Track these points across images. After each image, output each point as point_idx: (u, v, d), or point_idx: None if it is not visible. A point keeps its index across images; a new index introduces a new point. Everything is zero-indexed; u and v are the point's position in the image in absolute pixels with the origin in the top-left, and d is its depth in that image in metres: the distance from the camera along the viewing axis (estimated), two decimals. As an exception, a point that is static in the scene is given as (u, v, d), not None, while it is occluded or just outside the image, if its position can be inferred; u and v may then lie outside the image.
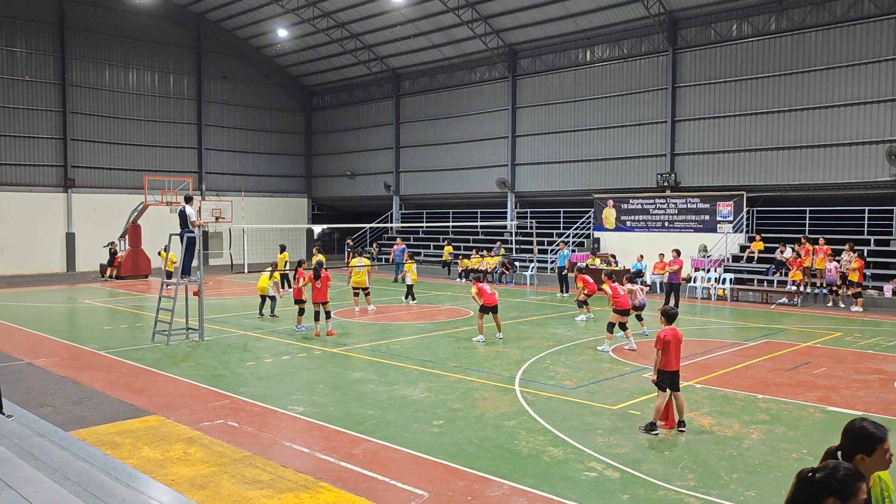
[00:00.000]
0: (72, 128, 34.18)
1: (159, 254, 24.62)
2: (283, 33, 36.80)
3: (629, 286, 15.61)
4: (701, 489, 7.06)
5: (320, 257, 23.06)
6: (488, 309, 15.29)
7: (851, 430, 3.25)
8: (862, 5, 23.46)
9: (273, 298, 19.02)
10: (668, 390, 8.89)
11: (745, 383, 11.47)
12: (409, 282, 22.35)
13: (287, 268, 23.18)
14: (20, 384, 11.30)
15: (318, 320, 16.01)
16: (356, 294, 20.35)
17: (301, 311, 16.78)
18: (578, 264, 22.46)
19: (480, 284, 15.65)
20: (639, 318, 16.08)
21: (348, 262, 30.24)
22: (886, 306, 20.77)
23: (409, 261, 23.04)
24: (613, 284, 14.93)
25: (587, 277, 18.35)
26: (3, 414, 7.34)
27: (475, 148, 35.45)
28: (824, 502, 2.79)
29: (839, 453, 3.28)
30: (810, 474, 2.88)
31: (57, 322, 18.67)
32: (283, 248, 24.20)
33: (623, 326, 14.47)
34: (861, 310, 20.33)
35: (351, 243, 34.11)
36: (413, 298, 22.17)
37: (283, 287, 22.57)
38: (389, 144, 39.63)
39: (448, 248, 32.06)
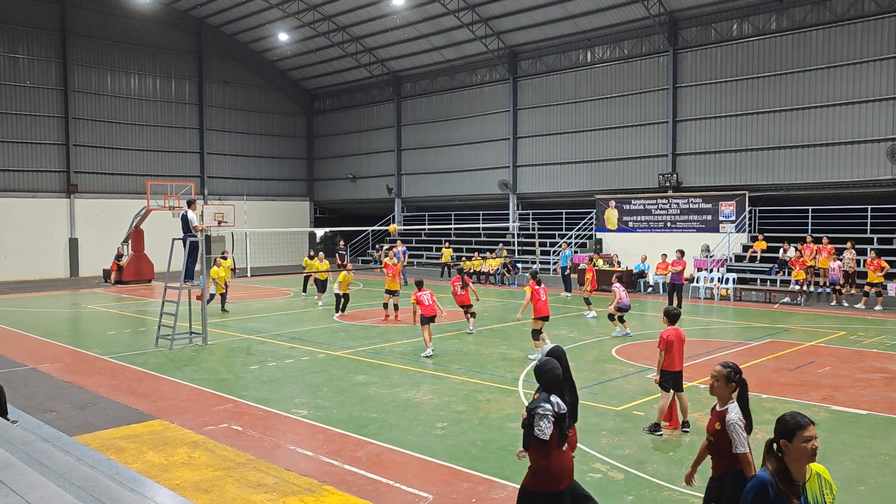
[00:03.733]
0: (74, 133, 34.26)
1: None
2: (283, 37, 36.86)
3: (617, 286, 15.70)
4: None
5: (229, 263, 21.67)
6: (426, 320, 13.93)
7: (779, 420, 3.66)
8: (862, 4, 23.44)
9: (346, 297, 19.42)
10: (671, 391, 8.88)
11: (748, 383, 11.39)
12: (337, 290, 19.71)
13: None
14: (24, 389, 11.32)
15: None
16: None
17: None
18: (533, 268, 20.96)
19: (419, 293, 14.11)
20: (621, 319, 15.82)
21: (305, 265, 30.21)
22: (890, 305, 20.72)
23: (343, 269, 20.48)
24: (537, 288, 13.65)
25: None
26: (8, 419, 7.34)
27: (476, 150, 35.46)
28: None
29: (774, 445, 3.64)
30: None
31: (61, 327, 18.70)
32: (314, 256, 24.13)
33: (537, 334, 13.48)
34: (881, 308, 20.25)
35: (343, 246, 33.31)
36: (342, 311, 19.76)
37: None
38: (391, 147, 39.66)
39: (448, 251, 31.94)
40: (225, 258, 21.19)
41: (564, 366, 5.55)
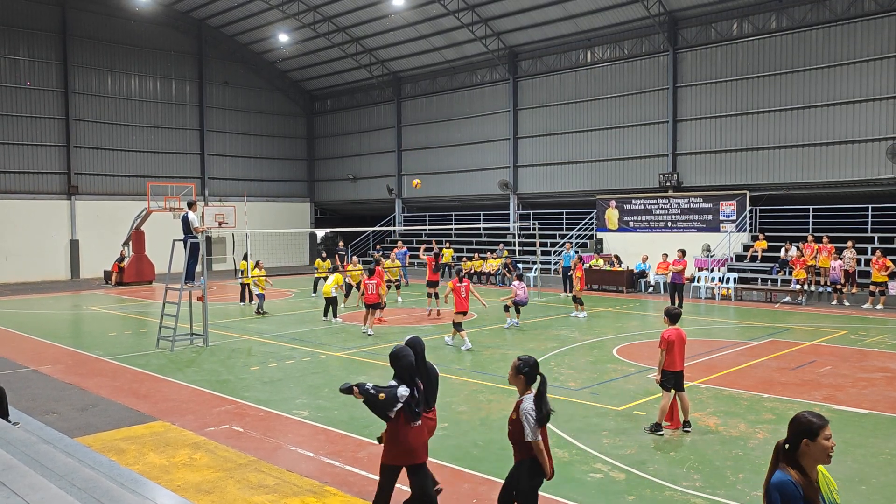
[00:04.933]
0: (75, 135, 34.27)
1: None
2: (283, 38, 36.85)
3: (515, 283, 17.07)
4: (707, 489, 7.05)
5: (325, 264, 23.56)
6: (367, 306, 16.56)
7: (797, 421, 3.55)
8: (862, 3, 23.43)
9: (335, 301, 19.21)
10: (672, 390, 8.88)
11: (750, 383, 11.45)
12: (334, 293, 19.47)
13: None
14: (26, 391, 11.33)
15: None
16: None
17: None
18: (458, 266, 23.41)
19: (367, 280, 16.52)
20: (517, 309, 17.16)
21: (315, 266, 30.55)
22: (891, 304, 20.70)
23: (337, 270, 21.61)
24: (458, 285, 15.32)
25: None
26: (9, 421, 7.35)
27: (477, 150, 35.47)
28: None
29: (787, 445, 3.52)
30: None
31: (61, 329, 18.71)
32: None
33: (459, 326, 14.88)
34: (882, 307, 20.23)
35: (342, 247, 33.41)
36: (329, 315, 19.25)
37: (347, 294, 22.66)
38: (391, 147, 39.67)
39: (448, 252, 31.84)
40: (253, 261, 21.80)
41: (419, 355, 6.31)
